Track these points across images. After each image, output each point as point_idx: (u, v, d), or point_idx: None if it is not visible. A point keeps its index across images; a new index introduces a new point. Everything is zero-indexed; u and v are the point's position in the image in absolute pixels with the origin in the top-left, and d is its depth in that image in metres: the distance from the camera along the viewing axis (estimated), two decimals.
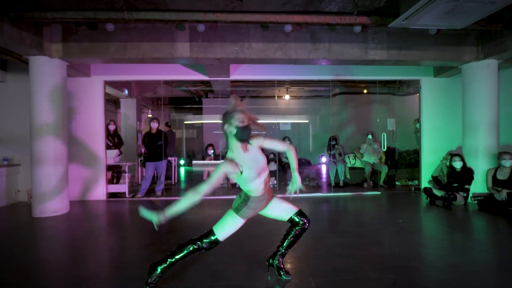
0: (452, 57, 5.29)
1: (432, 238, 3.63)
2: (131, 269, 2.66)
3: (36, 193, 4.76)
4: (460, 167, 5.30)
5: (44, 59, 4.73)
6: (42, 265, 2.85)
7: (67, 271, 2.72)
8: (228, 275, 2.46)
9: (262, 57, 4.95)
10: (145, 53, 4.85)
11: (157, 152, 6.48)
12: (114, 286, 2.25)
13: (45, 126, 4.76)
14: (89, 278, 2.50)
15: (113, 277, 2.55)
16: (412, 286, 2.31)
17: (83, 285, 2.38)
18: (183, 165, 11.44)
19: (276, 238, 2.59)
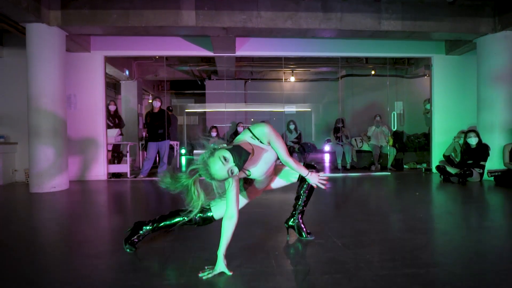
0: (468, 28, 5.08)
1: (451, 207, 3.44)
2: None
3: (34, 168, 4.54)
4: (476, 143, 5.11)
5: (42, 26, 4.49)
6: (40, 233, 2.65)
7: (65, 237, 2.52)
8: (243, 236, 2.26)
9: (272, 26, 4.73)
10: (148, 21, 4.61)
11: (160, 132, 6.25)
12: (110, 248, 2.05)
13: (43, 97, 4.52)
14: (84, 242, 2.31)
15: (109, 240, 2.34)
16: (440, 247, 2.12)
17: (78, 246, 2.18)
18: (184, 154, 11.22)
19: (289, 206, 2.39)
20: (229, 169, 1.54)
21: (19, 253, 2.06)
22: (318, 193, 3.33)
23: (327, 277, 1.60)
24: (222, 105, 8.16)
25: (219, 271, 1.61)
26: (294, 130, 7.97)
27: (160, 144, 6.32)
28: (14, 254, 2.04)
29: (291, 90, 9.40)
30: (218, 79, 8.52)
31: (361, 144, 7.67)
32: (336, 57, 6.70)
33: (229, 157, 1.53)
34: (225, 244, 1.67)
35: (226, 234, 1.67)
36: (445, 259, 1.84)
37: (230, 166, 1.54)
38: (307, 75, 9.25)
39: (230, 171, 1.54)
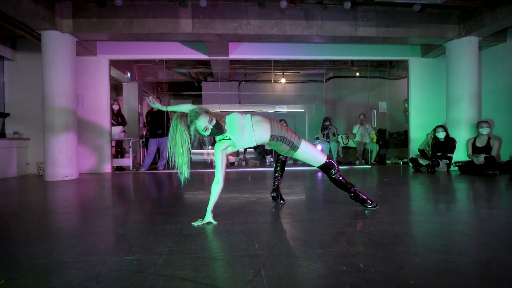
0: (436, 34, 5.69)
1: (417, 189, 4.02)
2: (133, 213, 3.02)
3: (48, 159, 5.10)
4: (444, 137, 5.70)
5: (55, 33, 5.07)
6: (56, 213, 3.20)
7: (80, 215, 3.08)
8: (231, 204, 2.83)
9: (260, 33, 5.32)
10: (150, 28, 5.20)
11: (159, 129, 6.81)
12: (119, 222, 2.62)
13: (56, 96, 5.10)
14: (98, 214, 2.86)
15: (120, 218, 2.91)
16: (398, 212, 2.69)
17: (92, 222, 2.74)
18: None
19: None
20: (205, 128, 2.13)
21: (51, 219, 2.63)
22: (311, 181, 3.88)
23: (286, 221, 2.18)
24: (217, 106, 8.74)
25: (207, 221, 2.17)
26: None
27: (160, 141, 6.88)
28: (45, 219, 2.60)
29: (282, 91, 10.00)
30: (214, 80, 9.12)
31: (347, 141, 8.26)
32: (321, 60, 7.29)
33: (213, 123, 2.15)
34: (213, 202, 2.22)
35: (213, 195, 2.22)
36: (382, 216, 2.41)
37: (209, 127, 2.14)
38: (296, 77, 9.85)
39: (204, 129, 2.13)
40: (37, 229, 2.21)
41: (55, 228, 2.26)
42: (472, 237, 1.87)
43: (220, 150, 2.24)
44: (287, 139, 2.37)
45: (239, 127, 2.29)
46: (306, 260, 1.49)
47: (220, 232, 1.99)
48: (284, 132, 2.37)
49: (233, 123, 2.31)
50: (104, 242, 1.88)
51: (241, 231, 2.00)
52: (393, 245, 1.69)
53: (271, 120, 2.42)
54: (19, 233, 2.13)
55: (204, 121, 2.13)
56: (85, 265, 1.48)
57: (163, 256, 1.57)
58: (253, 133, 2.30)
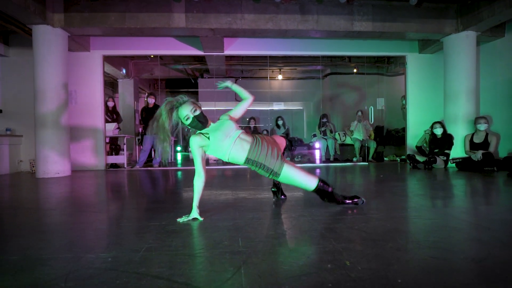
0: (434, 29, 5.61)
1: (413, 185, 3.95)
2: (128, 204, 2.95)
3: (40, 156, 5.02)
4: (441, 133, 5.63)
5: (46, 28, 4.98)
6: (41, 210, 3.13)
7: (71, 210, 3.01)
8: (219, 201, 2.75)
9: (254, 27, 5.23)
10: (143, 23, 5.11)
11: None
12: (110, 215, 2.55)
13: (47, 91, 5.01)
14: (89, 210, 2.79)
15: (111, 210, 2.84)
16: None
17: (84, 214, 2.67)
18: (179, 151, 11.69)
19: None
20: (187, 116, 2.11)
21: (38, 214, 2.56)
22: None
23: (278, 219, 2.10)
24: (213, 103, 8.65)
25: (192, 217, 2.10)
26: (282, 125, 8.48)
27: (155, 137, 6.78)
28: (34, 214, 2.53)
29: (279, 88, 9.92)
30: (210, 77, 9.02)
31: (344, 138, 8.19)
32: (318, 56, 7.20)
33: (196, 113, 2.13)
34: (197, 197, 2.15)
35: (196, 189, 2.14)
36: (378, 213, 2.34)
37: (190, 116, 2.11)
38: (294, 73, 9.77)
39: (186, 117, 2.12)
40: (19, 226, 2.13)
41: (37, 224, 2.19)
42: (466, 232, 1.80)
43: (196, 145, 2.16)
44: (265, 165, 2.18)
45: (224, 132, 2.18)
46: (290, 258, 1.42)
47: (204, 228, 1.92)
48: (263, 158, 2.17)
49: (222, 126, 2.22)
50: (83, 239, 1.81)
51: (227, 227, 1.92)
52: (383, 241, 1.62)
53: (260, 140, 2.24)
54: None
55: (187, 110, 2.12)
56: (58, 262, 1.41)
57: (140, 253, 1.49)
58: (231, 147, 2.17)
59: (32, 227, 2.10)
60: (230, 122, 2.27)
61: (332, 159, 7.75)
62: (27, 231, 1.97)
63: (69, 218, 2.34)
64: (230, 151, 2.18)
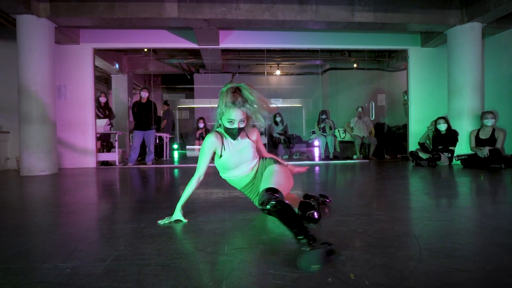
0: (437, 20, 5.37)
1: (417, 183, 3.72)
2: (120, 203, 2.72)
3: (24, 152, 4.78)
4: (445, 129, 5.41)
5: (31, 18, 4.73)
6: (11, 210, 2.90)
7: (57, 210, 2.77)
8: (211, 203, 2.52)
9: (250, 18, 4.99)
10: (133, 13, 4.86)
11: (146, 121, 6.45)
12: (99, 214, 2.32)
13: (32, 86, 4.76)
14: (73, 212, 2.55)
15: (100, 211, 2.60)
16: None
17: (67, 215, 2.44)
18: (176, 148, 11.44)
19: None
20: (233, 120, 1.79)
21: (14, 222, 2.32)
22: None
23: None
24: (208, 100, 8.41)
25: (175, 219, 1.85)
26: (280, 122, 8.24)
27: (145, 133, 6.51)
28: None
29: (277, 84, 9.67)
30: (206, 72, 8.77)
31: (344, 135, 7.95)
32: (317, 49, 6.96)
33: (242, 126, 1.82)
34: (185, 198, 1.89)
35: (187, 190, 1.89)
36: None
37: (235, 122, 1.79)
38: (292, 69, 9.52)
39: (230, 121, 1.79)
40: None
41: (0, 226, 1.95)
42: (487, 237, 1.57)
43: (210, 145, 1.87)
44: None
45: (241, 159, 1.91)
46: (283, 269, 1.19)
47: (188, 232, 1.69)
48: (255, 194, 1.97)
49: (243, 149, 1.90)
50: (46, 244, 1.57)
51: (213, 230, 1.69)
52: (392, 248, 1.39)
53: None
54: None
55: (239, 114, 1.78)
56: (6, 274, 1.18)
57: (106, 262, 1.26)
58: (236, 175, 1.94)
59: None
60: (251, 150, 1.93)
61: (332, 156, 7.53)
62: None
63: (37, 220, 2.10)
64: (233, 176, 1.97)
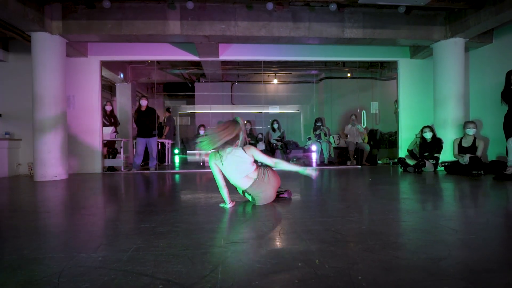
0: (423, 35, 5.76)
1: (402, 188, 4.08)
2: (126, 206, 3.07)
3: (38, 159, 5.14)
4: (430, 137, 5.77)
5: (45, 35, 5.12)
6: (36, 212, 3.25)
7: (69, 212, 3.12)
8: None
9: (247, 34, 5.37)
10: (139, 30, 5.25)
11: (148, 128, 6.82)
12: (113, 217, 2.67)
13: (46, 97, 5.14)
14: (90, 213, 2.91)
15: (112, 211, 2.96)
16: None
17: (81, 216, 2.79)
18: (177, 153, 11.80)
19: None
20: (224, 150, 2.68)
21: (36, 218, 2.68)
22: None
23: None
24: (209, 107, 8.79)
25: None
26: (277, 129, 8.63)
27: (148, 140, 6.88)
28: (32, 219, 2.65)
29: (275, 92, 10.06)
30: (207, 81, 9.17)
31: (339, 141, 8.33)
32: (311, 61, 7.35)
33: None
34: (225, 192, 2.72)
35: (223, 192, 2.72)
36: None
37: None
38: (289, 77, 9.92)
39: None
40: (16, 227, 2.25)
41: (32, 226, 2.31)
42: (434, 235, 1.92)
43: (212, 162, 2.68)
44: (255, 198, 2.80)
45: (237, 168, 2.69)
46: (266, 257, 1.55)
47: (191, 230, 2.05)
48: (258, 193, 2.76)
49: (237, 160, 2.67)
50: (75, 240, 1.93)
51: (211, 229, 2.05)
52: (354, 242, 1.74)
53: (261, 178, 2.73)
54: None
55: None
56: (52, 261, 1.53)
57: (128, 252, 1.62)
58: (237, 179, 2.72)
59: (28, 228, 2.22)
60: (247, 158, 2.69)
61: (327, 162, 7.89)
62: (23, 233, 2.10)
63: (63, 221, 2.46)
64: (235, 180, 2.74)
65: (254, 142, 8.45)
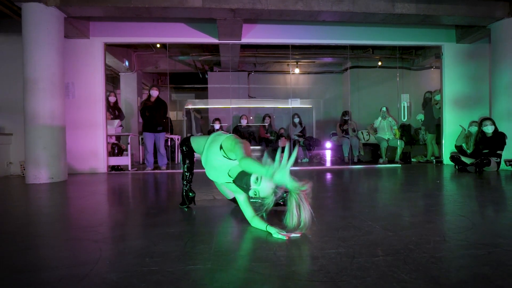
0: (484, 12, 4.91)
1: (472, 191, 3.24)
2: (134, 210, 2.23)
3: (30, 157, 4.27)
4: (492, 131, 4.94)
5: (39, 6, 4.24)
6: (39, 221, 2.40)
7: (66, 225, 2.28)
8: None
9: (282, 8, 4.51)
10: (151, 1, 4.37)
11: (156, 122, 5.94)
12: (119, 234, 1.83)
13: (39, 81, 4.26)
14: (88, 227, 2.06)
15: (116, 226, 2.11)
16: None
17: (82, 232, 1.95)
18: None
19: None
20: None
21: (18, 240, 1.82)
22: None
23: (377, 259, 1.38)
24: (227, 101, 7.85)
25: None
26: (298, 123, 7.77)
27: (156, 136, 6.01)
28: (13, 242, 1.79)
29: (295, 83, 9.18)
30: (221, 70, 8.27)
31: (368, 137, 7.47)
32: (343, 46, 6.50)
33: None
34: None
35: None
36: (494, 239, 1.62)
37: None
38: (311, 67, 9.03)
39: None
40: None
41: (17, 258, 1.45)
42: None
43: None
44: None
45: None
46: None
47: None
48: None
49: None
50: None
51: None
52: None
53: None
54: None
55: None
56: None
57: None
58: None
59: (11, 266, 1.36)
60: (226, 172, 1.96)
61: (356, 160, 7.06)
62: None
63: (61, 253, 1.60)
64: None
65: (274, 138, 7.60)
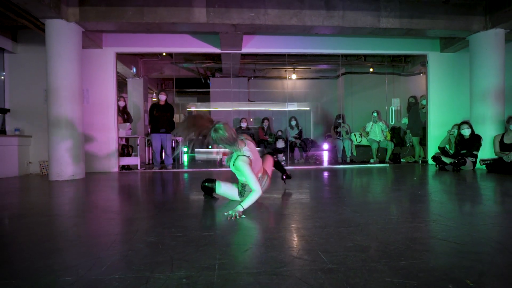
0: (461, 26, 5.42)
1: (443, 189, 3.74)
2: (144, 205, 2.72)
3: (53, 157, 4.77)
4: (469, 134, 5.44)
5: (61, 22, 4.74)
6: (68, 217, 2.89)
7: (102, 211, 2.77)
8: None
9: (278, 23, 5.02)
10: (161, 17, 4.88)
11: (164, 124, 6.44)
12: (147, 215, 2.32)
13: (61, 89, 4.77)
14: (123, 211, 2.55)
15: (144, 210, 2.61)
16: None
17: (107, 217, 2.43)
18: (186, 152, 11.40)
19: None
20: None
21: (56, 224, 2.32)
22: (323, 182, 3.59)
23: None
24: (228, 104, 8.34)
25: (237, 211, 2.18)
26: (295, 126, 8.27)
27: (163, 137, 6.50)
28: (53, 225, 2.29)
29: (292, 88, 9.70)
30: (222, 76, 8.79)
31: (360, 139, 7.98)
32: (336, 54, 7.00)
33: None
34: (248, 203, 2.29)
35: (251, 198, 2.33)
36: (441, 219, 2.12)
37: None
38: (307, 73, 9.55)
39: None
40: (49, 236, 1.90)
41: (68, 234, 1.95)
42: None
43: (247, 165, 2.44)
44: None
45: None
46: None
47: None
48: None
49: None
50: (136, 254, 1.58)
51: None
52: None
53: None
54: (27, 240, 1.82)
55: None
56: (123, 284, 1.18)
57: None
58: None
59: (65, 238, 1.87)
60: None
61: (349, 160, 7.55)
62: (61, 244, 1.74)
63: (107, 229, 2.10)
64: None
65: (273, 140, 8.10)
